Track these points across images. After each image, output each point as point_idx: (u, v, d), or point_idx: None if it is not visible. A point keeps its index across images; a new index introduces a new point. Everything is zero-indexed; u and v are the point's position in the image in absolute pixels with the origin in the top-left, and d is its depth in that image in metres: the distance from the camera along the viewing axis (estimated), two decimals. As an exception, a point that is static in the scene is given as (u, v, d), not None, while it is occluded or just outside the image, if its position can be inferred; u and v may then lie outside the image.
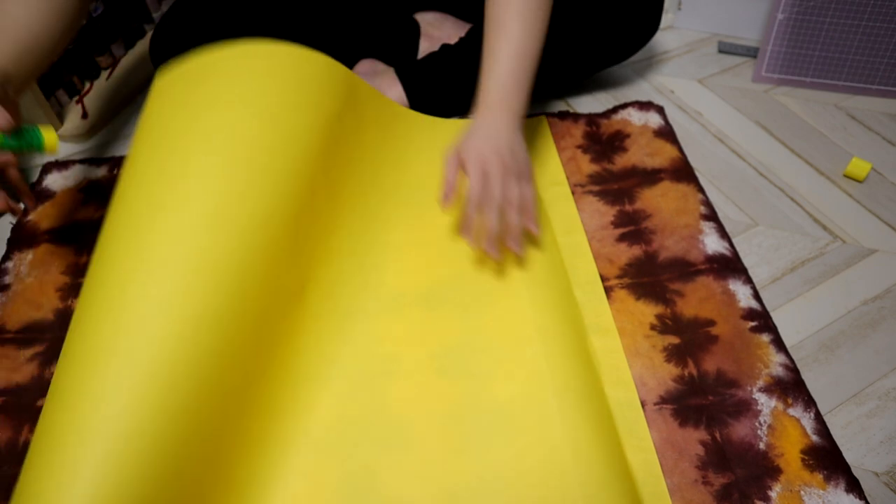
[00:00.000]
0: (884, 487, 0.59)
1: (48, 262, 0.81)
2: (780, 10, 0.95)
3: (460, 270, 0.72)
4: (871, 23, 0.92)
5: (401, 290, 0.71)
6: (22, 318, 0.76)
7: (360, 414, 0.63)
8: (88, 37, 1.04)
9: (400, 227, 0.76)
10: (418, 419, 0.62)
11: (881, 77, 0.96)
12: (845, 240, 0.79)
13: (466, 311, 0.68)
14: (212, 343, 0.54)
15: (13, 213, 0.68)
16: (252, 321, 0.58)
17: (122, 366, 0.50)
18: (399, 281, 0.73)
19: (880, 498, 0.58)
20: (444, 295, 0.70)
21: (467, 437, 0.60)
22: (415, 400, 0.63)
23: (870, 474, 0.60)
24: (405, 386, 0.64)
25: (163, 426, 0.49)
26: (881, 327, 0.71)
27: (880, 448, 0.62)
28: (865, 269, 0.76)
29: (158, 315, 0.52)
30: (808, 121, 0.95)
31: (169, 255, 0.55)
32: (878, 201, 0.83)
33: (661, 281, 0.74)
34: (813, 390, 0.65)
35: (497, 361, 0.64)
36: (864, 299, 0.73)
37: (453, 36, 0.96)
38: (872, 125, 0.93)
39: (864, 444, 0.62)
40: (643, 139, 0.91)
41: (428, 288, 0.71)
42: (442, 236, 0.75)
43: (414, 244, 0.75)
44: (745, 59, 1.06)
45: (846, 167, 0.86)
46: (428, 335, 0.67)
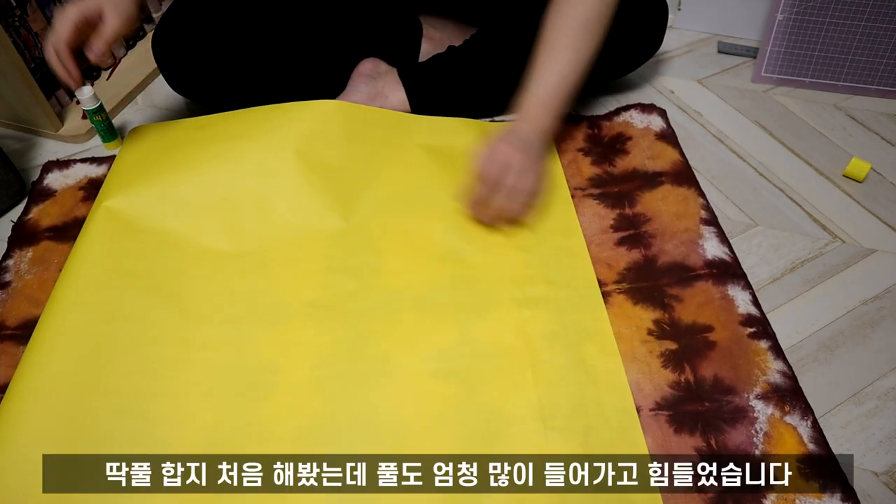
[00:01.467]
0: (883, 487, 0.59)
1: (48, 259, 0.81)
2: (779, 11, 0.95)
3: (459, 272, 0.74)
4: (871, 23, 0.92)
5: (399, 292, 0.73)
6: (22, 315, 0.76)
7: (351, 414, 0.64)
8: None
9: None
10: (412, 420, 0.62)
11: (880, 77, 0.96)
12: (845, 240, 0.79)
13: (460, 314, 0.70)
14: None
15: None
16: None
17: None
18: (398, 282, 0.74)
19: (880, 498, 0.58)
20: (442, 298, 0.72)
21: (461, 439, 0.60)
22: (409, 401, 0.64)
23: (869, 474, 0.60)
24: (399, 387, 0.65)
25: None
26: (880, 327, 0.71)
27: (879, 448, 0.62)
28: (865, 269, 0.76)
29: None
30: (807, 121, 0.95)
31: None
32: (878, 201, 0.84)
33: (659, 286, 0.74)
34: (812, 390, 0.65)
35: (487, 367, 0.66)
36: (863, 299, 0.73)
37: (456, 39, 0.96)
38: (872, 125, 0.94)
39: (864, 443, 0.62)
40: (645, 142, 0.91)
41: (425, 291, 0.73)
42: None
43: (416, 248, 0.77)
44: (744, 60, 1.06)
45: (846, 167, 0.86)
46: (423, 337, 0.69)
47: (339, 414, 0.64)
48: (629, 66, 0.96)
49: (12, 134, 1.01)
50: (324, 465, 0.61)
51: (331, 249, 0.77)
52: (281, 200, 0.80)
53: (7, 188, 0.88)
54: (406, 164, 0.85)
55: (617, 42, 0.88)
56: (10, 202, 0.90)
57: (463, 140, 0.88)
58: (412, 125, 0.90)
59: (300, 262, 0.76)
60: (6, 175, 0.88)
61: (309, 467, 0.61)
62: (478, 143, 0.78)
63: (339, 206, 0.80)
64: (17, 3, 0.92)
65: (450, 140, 0.89)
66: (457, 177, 0.80)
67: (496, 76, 0.90)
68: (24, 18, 0.93)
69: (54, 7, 0.97)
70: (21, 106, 0.97)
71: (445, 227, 0.79)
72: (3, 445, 0.61)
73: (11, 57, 0.89)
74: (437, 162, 0.85)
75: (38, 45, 0.96)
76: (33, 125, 0.99)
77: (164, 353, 0.69)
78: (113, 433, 0.63)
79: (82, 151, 0.98)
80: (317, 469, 0.61)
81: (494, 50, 0.90)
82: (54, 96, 1.00)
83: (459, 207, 0.79)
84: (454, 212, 0.79)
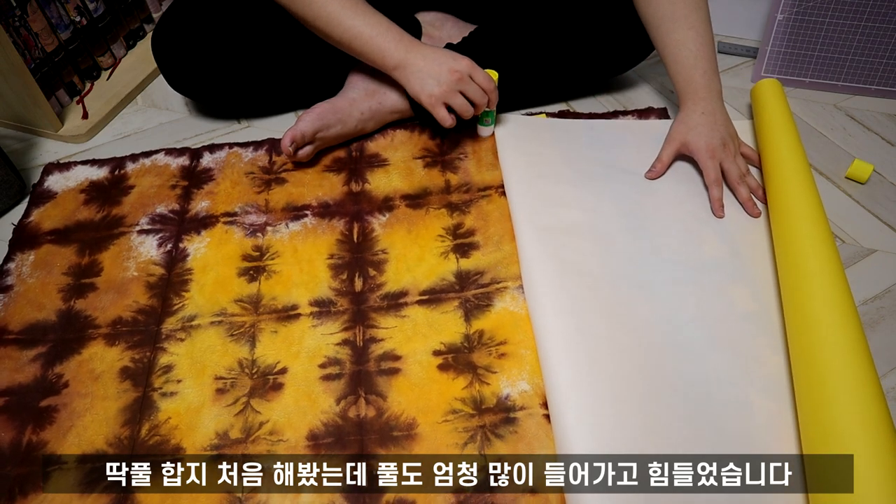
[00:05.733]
0: (882, 487, 0.59)
1: (50, 262, 0.81)
2: (779, 11, 0.95)
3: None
4: (870, 23, 0.92)
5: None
6: (24, 319, 0.76)
7: None
8: (88, 37, 1.04)
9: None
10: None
11: (880, 77, 0.96)
12: (844, 240, 0.79)
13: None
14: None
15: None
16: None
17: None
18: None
19: (879, 498, 0.58)
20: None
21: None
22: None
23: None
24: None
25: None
26: (880, 327, 0.71)
27: (879, 448, 0.62)
28: (865, 269, 0.76)
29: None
30: (807, 121, 0.95)
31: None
32: (878, 201, 0.84)
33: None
34: (812, 390, 0.65)
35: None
36: (863, 299, 0.73)
37: (455, 36, 0.96)
38: (872, 125, 0.94)
39: (863, 443, 0.62)
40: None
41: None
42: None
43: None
44: (744, 60, 1.06)
45: (848, 168, 0.86)
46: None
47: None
48: (628, 62, 0.96)
49: (12, 134, 1.01)
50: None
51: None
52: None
53: (7, 188, 0.89)
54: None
55: (615, 38, 0.88)
56: (11, 202, 0.90)
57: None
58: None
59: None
60: (6, 175, 0.88)
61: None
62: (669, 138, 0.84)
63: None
64: (17, 3, 0.92)
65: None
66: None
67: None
68: (24, 18, 0.93)
69: (54, 7, 0.97)
70: (21, 106, 0.97)
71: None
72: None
73: (11, 57, 0.89)
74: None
75: (39, 45, 0.96)
76: (33, 125, 0.99)
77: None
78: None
79: (82, 152, 0.98)
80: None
81: (492, 48, 0.90)
82: (54, 96, 1.00)
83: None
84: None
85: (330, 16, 0.81)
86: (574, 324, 0.67)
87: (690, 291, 0.72)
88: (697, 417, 0.62)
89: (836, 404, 0.55)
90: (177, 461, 0.63)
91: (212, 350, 0.71)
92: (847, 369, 0.57)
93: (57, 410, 0.67)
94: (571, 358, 0.64)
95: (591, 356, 0.65)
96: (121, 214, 0.86)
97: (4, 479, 0.63)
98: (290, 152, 0.86)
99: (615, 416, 0.60)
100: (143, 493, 0.61)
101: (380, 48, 0.81)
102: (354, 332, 0.72)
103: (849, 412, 0.54)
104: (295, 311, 0.74)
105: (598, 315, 0.68)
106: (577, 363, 0.64)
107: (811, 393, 0.58)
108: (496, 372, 0.68)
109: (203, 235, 0.83)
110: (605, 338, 0.66)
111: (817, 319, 0.61)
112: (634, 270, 0.74)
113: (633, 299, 0.71)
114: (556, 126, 0.92)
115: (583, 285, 0.71)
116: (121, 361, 0.71)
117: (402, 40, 0.82)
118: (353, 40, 0.82)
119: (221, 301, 0.76)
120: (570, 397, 0.61)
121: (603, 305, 0.70)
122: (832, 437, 0.53)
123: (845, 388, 0.56)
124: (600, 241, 0.77)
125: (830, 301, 0.62)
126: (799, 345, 0.62)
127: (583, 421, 0.60)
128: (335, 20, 0.81)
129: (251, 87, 0.95)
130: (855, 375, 0.56)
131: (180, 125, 1.01)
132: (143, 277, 0.79)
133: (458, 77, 0.80)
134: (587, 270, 0.73)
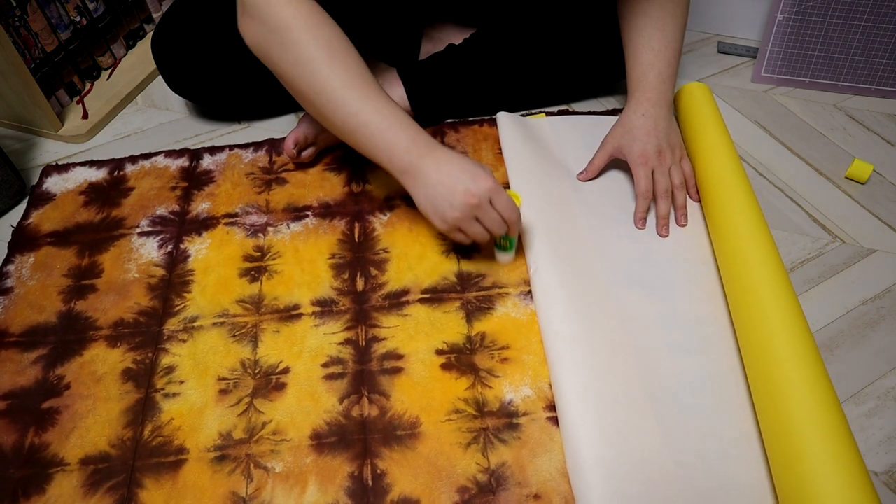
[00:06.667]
0: (883, 487, 0.60)
1: (50, 264, 0.81)
2: (779, 11, 0.95)
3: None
4: (870, 23, 0.92)
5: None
6: (25, 322, 0.76)
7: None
8: (88, 37, 1.04)
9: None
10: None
11: (880, 77, 0.96)
12: (844, 240, 0.80)
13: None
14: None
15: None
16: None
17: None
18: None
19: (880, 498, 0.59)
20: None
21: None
22: None
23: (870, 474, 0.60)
24: None
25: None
26: (880, 327, 0.71)
27: (879, 448, 0.62)
28: (865, 269, 0.76)
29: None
30: (807, 121, 0.95)
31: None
32: (878, 201, 0.84)
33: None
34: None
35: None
36: (863, 299, 0.74)
37: (456, 38, 0.96)
38: (872, 125, 0.94)
39: (864, 443, 0.62)
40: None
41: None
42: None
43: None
44: (744, 60, 1.06)
45: (848, 169, 0.86)
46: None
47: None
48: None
49: (12, 134, 1.01)
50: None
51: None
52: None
53: (7, 188, 0.88)
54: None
55: (615, 40, 0.88)
56: (11, 202, 0.89)
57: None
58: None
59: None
60: (6, 175, 0.88)
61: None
62: (608, 137, 0.82)
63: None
64: (17, 3, 0.92)
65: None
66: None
67: (496, 75, 0.91)
68: (24, 18, 0.93)
69: (54, 7, 0.97)
70: (21, 106, 0.96)
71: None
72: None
73: (11, 57, 0.89)
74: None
75: (39, 45, 0.96)
76: (33, 125, 0.99)
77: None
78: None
79: (82, 152, 0.97)
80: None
81: (494, 48, 0.90)
82: (54, 96, 1.00)
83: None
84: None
85: (334, 93, 0.68)
86: (585, 328, 0.68)
87: (690, 291, 0.73)
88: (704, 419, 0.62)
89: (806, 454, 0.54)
90: (180, 462, 0.63)
91: (214, 351, 0.71)
92: (805, 398, 0.55)
93: (59, 412, 0.67)
94: (585, 362, 0.65)
95: (605, 361, 0.65)
96: (121, 216, 0.86)
97: (7, 482, 0.63)
98: (294, 154, 0.86)
99: (626, 421, 0.61)
100: (146, 494, 0.61)
101: (388, 145, 0.68)
102: (357, 332, 0.72)
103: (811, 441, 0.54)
104: (297, 311, 0.74)
105: (608, 317, 0.69)
106: (590, 367, 0.64)
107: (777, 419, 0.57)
108: (499, 376, 0.68)
109: (204, 236, 0.83)
110: (617, 343, 0.67)
111: (769, 345, 0.60)
112: (637, 270, 0.74)
113: (636, 300, 0.71)
114: (557, 126, 0.92)
115: (588, 287, 0.71)
116: (123, 363, 0.71)
117: (417, 140, 0.68)
118: (357, 130, 0.69)
119: (223, 302, 0.76)
120: (582, 403, 0.62)
121: (608, 308, 0.70)
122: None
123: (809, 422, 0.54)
124: (603, 240, 0.77)
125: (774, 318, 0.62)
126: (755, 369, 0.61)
127: (592, 424, 0.60)
128: (338, 100, 0.68)
129: (251, 90, 0.94)
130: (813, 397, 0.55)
131: (180, 125, 1.01)
132: (144, 279, 0.79)
133: (476, 203, 0.67)
134: (590, 272, 0.73)
